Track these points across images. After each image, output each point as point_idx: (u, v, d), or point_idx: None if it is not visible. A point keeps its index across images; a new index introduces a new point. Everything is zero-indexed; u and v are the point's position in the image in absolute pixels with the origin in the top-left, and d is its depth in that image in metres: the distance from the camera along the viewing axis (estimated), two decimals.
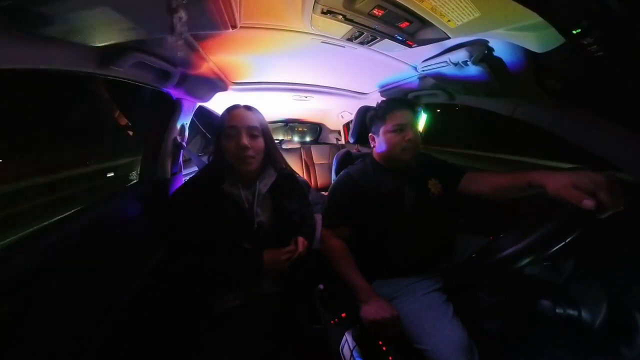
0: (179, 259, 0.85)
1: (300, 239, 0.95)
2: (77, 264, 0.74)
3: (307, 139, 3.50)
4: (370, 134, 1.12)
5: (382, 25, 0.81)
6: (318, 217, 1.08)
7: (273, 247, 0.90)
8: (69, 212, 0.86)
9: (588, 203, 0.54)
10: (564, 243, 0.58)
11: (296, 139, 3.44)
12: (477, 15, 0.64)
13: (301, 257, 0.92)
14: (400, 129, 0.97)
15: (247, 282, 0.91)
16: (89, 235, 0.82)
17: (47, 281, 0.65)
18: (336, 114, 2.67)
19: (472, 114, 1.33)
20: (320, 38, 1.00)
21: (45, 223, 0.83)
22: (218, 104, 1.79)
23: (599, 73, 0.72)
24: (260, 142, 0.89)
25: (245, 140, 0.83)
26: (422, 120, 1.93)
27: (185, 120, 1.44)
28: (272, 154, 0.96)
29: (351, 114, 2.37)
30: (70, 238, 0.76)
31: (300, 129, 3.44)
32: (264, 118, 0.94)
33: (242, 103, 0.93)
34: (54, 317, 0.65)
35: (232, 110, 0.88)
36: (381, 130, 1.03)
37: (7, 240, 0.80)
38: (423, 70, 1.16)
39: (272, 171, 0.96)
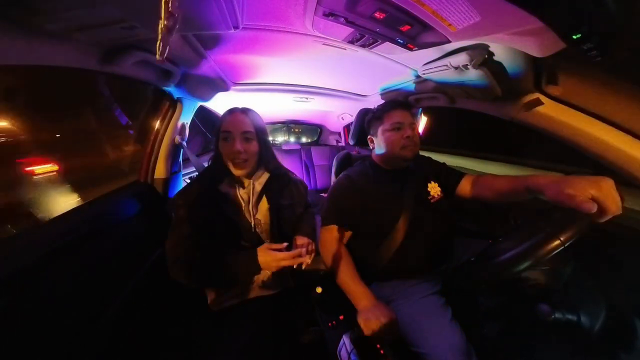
0: (179, 258, 0.84)
1: (306, 240, 0.91)
2: (75, 261, 0.74)
3: (303, 139, 3.48)
4: (369, 136, 1.12)
5: (384, 28, 0.81)
6: (317, 219, 1.08)
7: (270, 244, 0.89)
8: (67, 210, 0.86)
9: (586, 208, 0.54)
10: (562, 247, 0.58)
11: (292, 139, 3.43)
12: (477, 19, 0.65)
13: (305, 259, 0.82)
14: (398, 127, 0.98)
15: (245, 281, 0.90)
16: (87, 233, 0.81)
17: (45, 278, 0.65)
18: (337, 115, 2.67)
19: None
20: (322, 40, 1.00)
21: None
22: (219, 104, 1.79)
23: (598, 77, 0.72)
24: (254, 145, 0.91)
25: (239, 145, 0.86)
26: (420, 121, 1.93)
27: (185, 120, 1.44)
28: (265, 154, 0.97)
29: (352, 115, 2.37)
30: (69, 235, 0.75)
31: (296, 129, 3.43)
32: (260, 119, 0.95)
33: (243, 104, 0.95)
34: (51, 314, 0.65)
35: (228, 114, 0.91)
36: (379, 130, 1.03)
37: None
38: (424, 74, 1.16)
39: (266, 170, 0.98)
